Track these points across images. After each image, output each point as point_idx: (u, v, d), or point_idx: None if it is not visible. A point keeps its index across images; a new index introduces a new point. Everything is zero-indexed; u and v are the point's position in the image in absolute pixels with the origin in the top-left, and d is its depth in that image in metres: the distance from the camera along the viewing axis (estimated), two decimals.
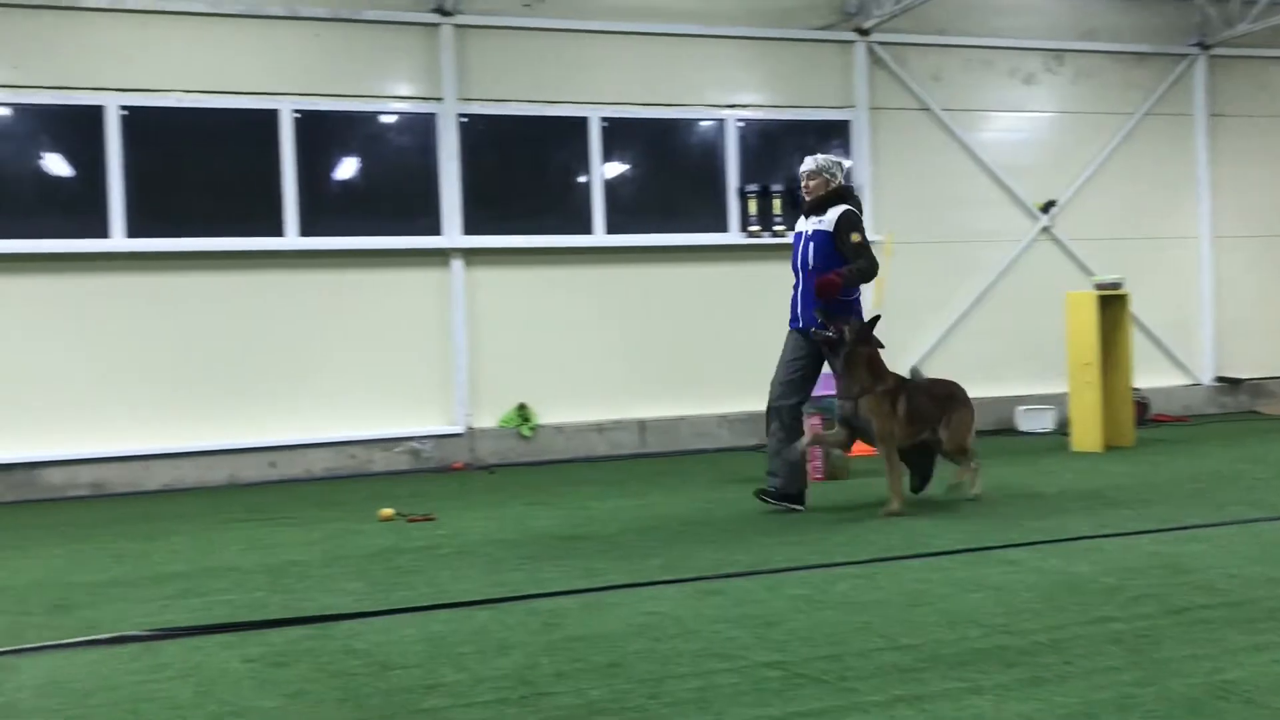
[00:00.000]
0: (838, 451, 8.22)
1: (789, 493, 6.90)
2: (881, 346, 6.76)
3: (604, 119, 10.42)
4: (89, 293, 9.15)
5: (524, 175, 10.38)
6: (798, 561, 5.43)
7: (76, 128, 9.20)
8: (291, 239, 9.59)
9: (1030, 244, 11.75)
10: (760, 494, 6.99)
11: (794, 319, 6.97)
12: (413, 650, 4.10)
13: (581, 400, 10.34)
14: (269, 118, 9.55)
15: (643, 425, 10.48)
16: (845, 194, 6.98)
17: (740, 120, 10.81)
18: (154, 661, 4.07)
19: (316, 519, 7.37)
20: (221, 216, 9.49)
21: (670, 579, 5.14)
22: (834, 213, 6.83)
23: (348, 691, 3.66)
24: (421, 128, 10.02)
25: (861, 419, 6.67)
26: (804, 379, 6.91)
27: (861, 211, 7.02)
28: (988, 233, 11.61)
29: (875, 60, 11.22)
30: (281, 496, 8.61)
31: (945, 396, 7.08)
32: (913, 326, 11.15)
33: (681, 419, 10.60)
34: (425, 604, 4.79)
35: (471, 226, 10.02)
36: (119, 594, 5.24)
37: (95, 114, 9.17)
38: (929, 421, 6.93)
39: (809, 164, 7.00)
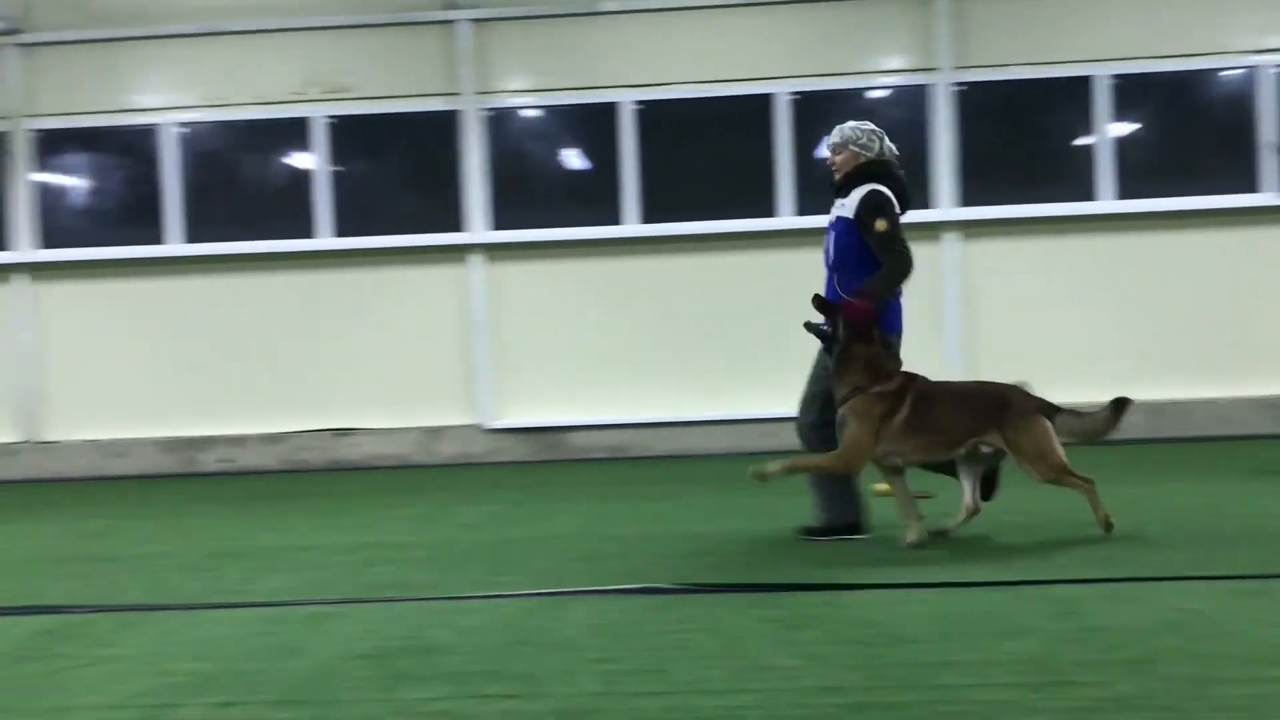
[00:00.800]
0: None
1: (836, 525, 5.72)
2: (888, 345, 5.55)
3: (1112, 76, 9.69)
4: (607, 276, 10.05)
5: (1023, 141, 9.94)
6: None
7: (594, 125, 10.09)
8: (785, 219, 9.90)
9: None
10: (802, 531, 5.82)
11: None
12: (924, 626, 4.08)
13: (1084, 378, 9.65)
14: (765, 102, 9.90)
15: (1155, 407, 9.64)
16: (877, 170, 5.60)
17: (1277, 66, 9.58)
18: (681, 613, 4.39)
19: None
20: (721, 201, 10.01)
21: (1200, 575, 4.70)
22: (857, 195, 5.53)
23: (862, 659, 3.72)
24: (912, 100, 9.90)
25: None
26: (824, 395, 5.66)
27: (904, 191, 5.63)
28: None
29: None
30: None
31: (993, 405, 5.44)
32: None
33: (1196, 401, 9.65)
34: (934, 581, 4.75)
35: (968, 198, 9.77)
36: (642, 548, 5.71)
37: (610, 111, 10.00)
38: (957, 435, 5.44)
39: (834, 135, 5.69)
